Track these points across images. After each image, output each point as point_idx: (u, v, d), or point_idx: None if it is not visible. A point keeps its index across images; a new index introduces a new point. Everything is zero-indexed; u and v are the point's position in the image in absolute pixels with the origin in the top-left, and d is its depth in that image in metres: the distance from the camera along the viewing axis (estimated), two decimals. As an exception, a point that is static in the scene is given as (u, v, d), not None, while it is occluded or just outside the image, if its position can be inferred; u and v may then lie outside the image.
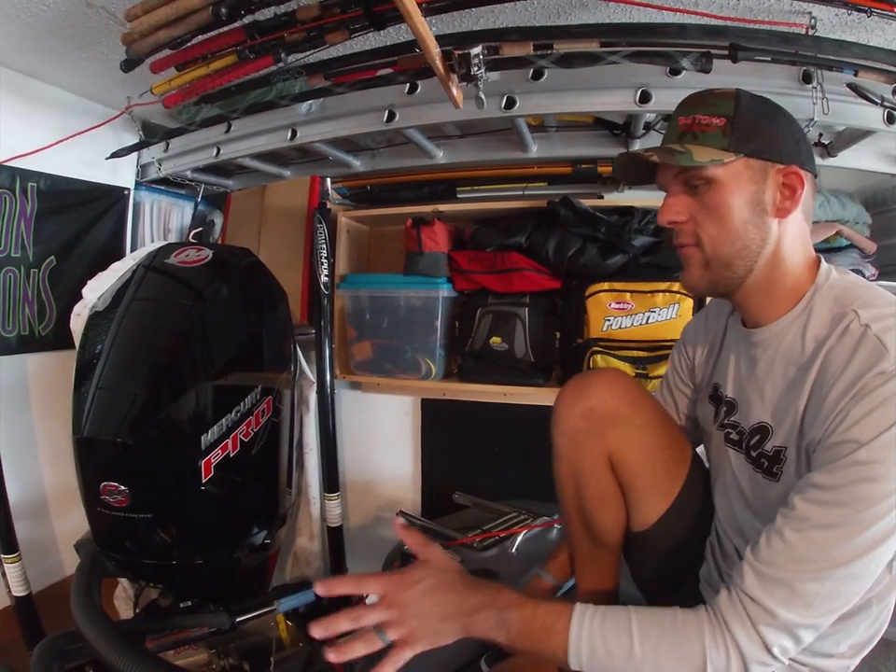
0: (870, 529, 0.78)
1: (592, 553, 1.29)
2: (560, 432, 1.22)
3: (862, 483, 0.79)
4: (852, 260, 1.95)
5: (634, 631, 0.86)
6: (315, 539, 2.26)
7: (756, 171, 0.95)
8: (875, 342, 0.82)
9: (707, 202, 0.97)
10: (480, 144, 2.28)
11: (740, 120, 0.95)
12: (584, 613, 0.90)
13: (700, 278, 1.02)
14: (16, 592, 1.93)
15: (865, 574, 0.81)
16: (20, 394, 2.24)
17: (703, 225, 0.98)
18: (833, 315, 0.90)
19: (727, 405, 1.13)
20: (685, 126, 0.99)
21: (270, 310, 1.82)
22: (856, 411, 0.80)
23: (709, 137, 0.95)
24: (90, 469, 1.43)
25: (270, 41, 1.53)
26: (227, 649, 1.64)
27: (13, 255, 2.16)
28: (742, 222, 0.95)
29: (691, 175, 0.97)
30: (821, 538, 0.81)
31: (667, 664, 0.85)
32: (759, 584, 0.83)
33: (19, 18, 1.68)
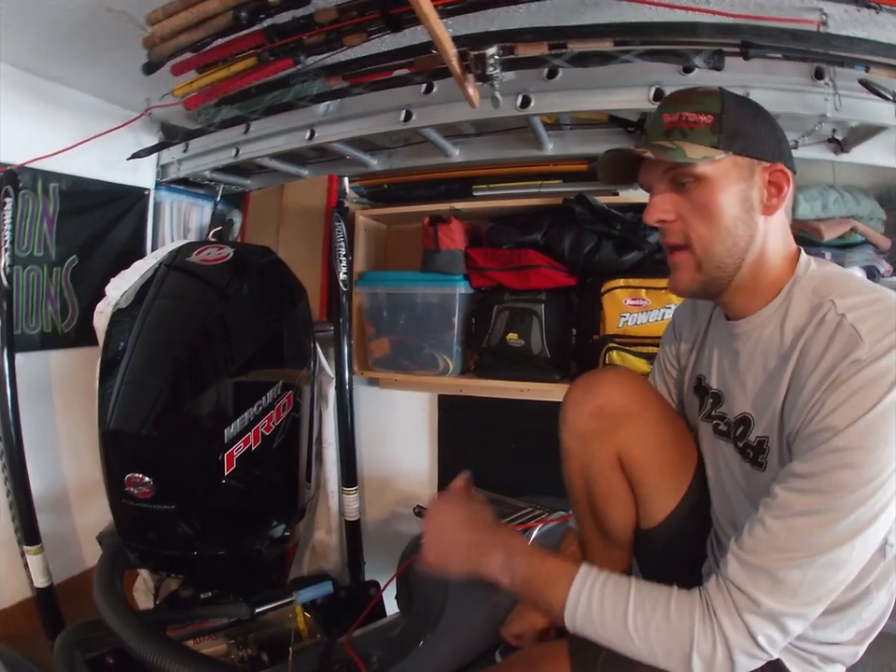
0: (850, 516, 0.79)
1: (604, 550, 1.30)
2: (569, 432, 1.23)
3: (841, 470, 0.79)
4: (867, 257, 1.94)
5: (631, 601, 0.89)
6: (333, 533, 2.28)
7: (744, 168, 0.95)
8: (850, 331, 0.82)
9: (697, 199, 0.96)
10: (495, 142, 2.29)
11: (728, 118, 0.95)
12: (588, 574, 0.93)
13: (692, 281, 1.01)
14: (38, 583, 1.97)
15: (849, 561, 0.82)
16: (43, 390, 2.28)
17: (692, 223, 0.97)
18: (811, 305, 0.91)
19: (713, 397, 1.14)
20: (672, 123, 0.98)
21: (290, 307, 1.85)
22: (832, 399, 0.81)
23: (698, 134, 0.95)
24: (115, 462, 1.47)
25: (289, 44, 1.55)
26: (246, 639, 1.66)
27: (36, 254, 2.20)
28: (732, 219, 0.95)
29: (679, 172, 0.96)
30: (802, 525, 0.82)
31: (656, 640, 0.87)
32: (743, 573, 0.84)
33: (40, 24, 1.72)
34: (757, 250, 0.98)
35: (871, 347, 0.80)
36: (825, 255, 1.91)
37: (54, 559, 2.03)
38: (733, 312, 1.06)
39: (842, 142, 1.86)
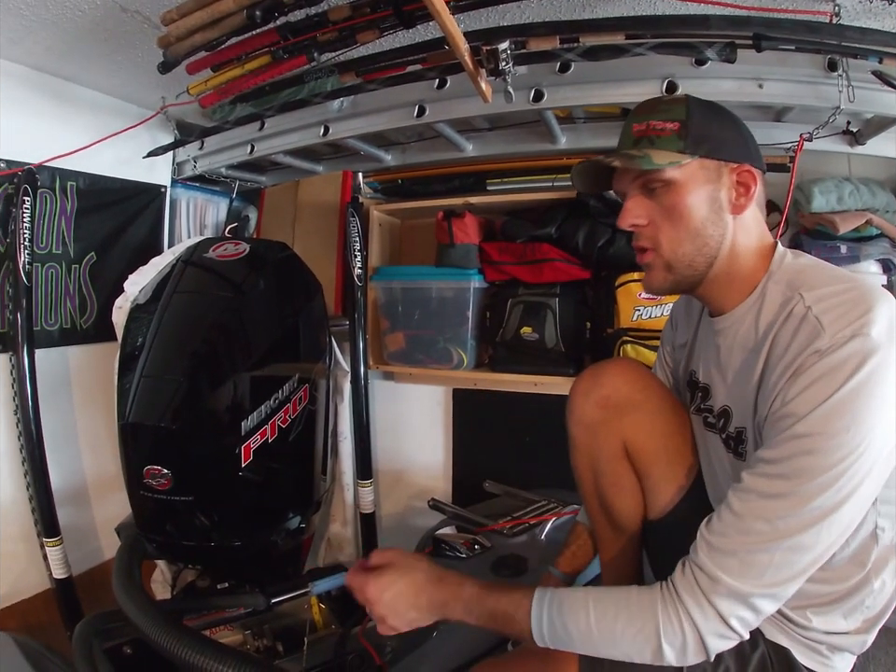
0: (814, 501, 0.80)
1: (614, 541, 1.30)
2: (576, 422, 1.24)
3: (803, 456, 0.81)
4: (882, 249, 1.92)
5: (591, 612, 0.90)
6: (349, 525, 2.30)
7: (711, 171, 0.98)
8: (813, 322, 0.84)
9: (666, 203, 0.99)
10: (509, 136, 2.30)
11: (692, 123, 0.97)
12: (542, 600, 0.94)
13: (664, 281, 1.05)
14: (57, 574, 2.00)
15: (817, 544, 0.82)
16: (62, 385, 2.31)
17: (662, 227, 1.00)
18: (783, 299, 0.92)
19: (702, 391, 1.15)
20: (640, 132, 1.01)
21: (306, 302, 1.86)
22: (794, 388, 0.83)
23: (665, 141, 0.97)
24: (134, 454, 1.49)
25: (303, 41, 1.56)
26: (261, 630, 1.68)
27: (55, 251, 2.23)
28: (701, 220, 0.98)
29: (649, 178, 0.99)
30: (766, 508, 0.83)
31: (623, 641, 0.88)
32: (710, 556, 0.86)
33: (55, 24, 1.74)
34: (728, 247, 1.00)
35: (831, 337, 0.81)
36: (841, 248, 1.90)
37: (73, 551, 2.06)
38: (712, 308, 1.09)
39: (857, 134, 1.85)
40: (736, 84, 1.67)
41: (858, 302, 0.83)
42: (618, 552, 1.30)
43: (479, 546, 1.66)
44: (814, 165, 1.97)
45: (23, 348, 1.95)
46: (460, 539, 1.69)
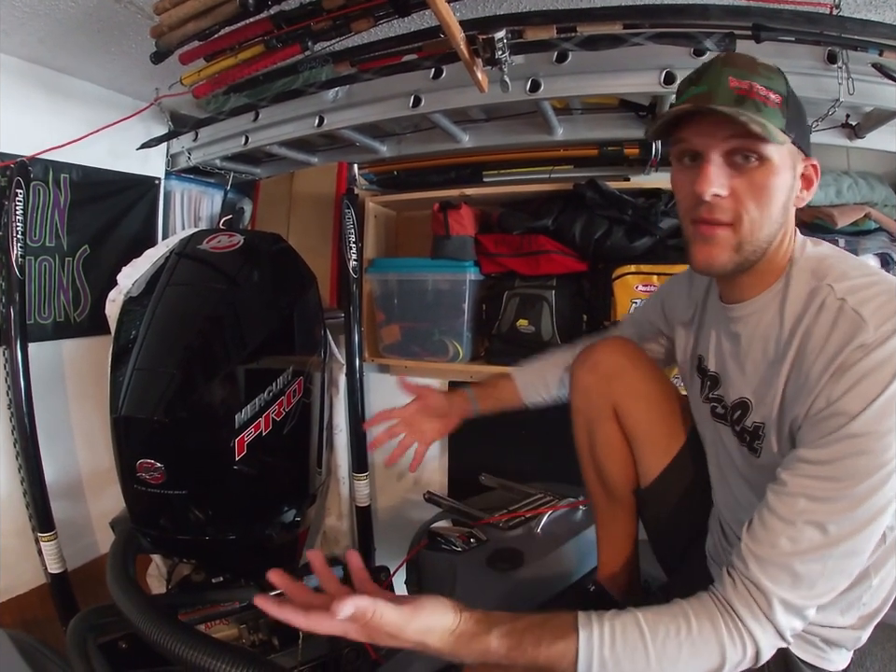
0: (867, 502, 0.78)
1: (610, 509, 1.37)
2: (575, 389, 1.34)
3: (855, 457, 0.78)
4: (881, 243, 1.92)
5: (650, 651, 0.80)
6: (344, 519, 2.30)
7: (794, 157, 0.93)
8: (852, 315, 0.81)
9: (757, 180, 0.90)
10: (505, 127, 2.28)
11: (792, 102, 0.91)
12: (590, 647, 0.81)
13: (728, 261, 0.95)
14: (52, 569, 1.98)
15: (867, 547, 0.82)
16: (55, 378, 2.30)
17: (746, 204, 0.91)
18: (809, 289, 0.90)
19: (711, 379, 1.13)
20: (742, 91, 0.88)
21: (300, 294, 1.85)
22: (841, 385, 0.79)
23: (770, 113, 0.87)
24: (127, 448, 1.48)
25: (296, 30, 1.54)
26: (257, 624, 1.68)
27: (48, 244, 2.22)
28: (780, 207, 0.92)
29: (748, 147, 0.88)
30: (817, 513, 0.80)
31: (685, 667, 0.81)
32: (761, 571, 0.82)
33: (48, 15, 1.72)
34: (779, 237, 0.96)
35: (876, 330, 0.78)
36: (839, 242, 1.90)
37: (68, 546, 2.05)
38: (732, 295, 1.04)
39: (856, 127, 1.84)
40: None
41: (892, 295, 0.82)
42: (611, 519, 1.38)
43: (475, 539, 1.65)
44: (813, 158, 1.97)
45: (16, 342, 1.93)
46: (456, 533, 1.69)
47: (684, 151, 0.96)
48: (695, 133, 0.92)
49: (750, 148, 0.89)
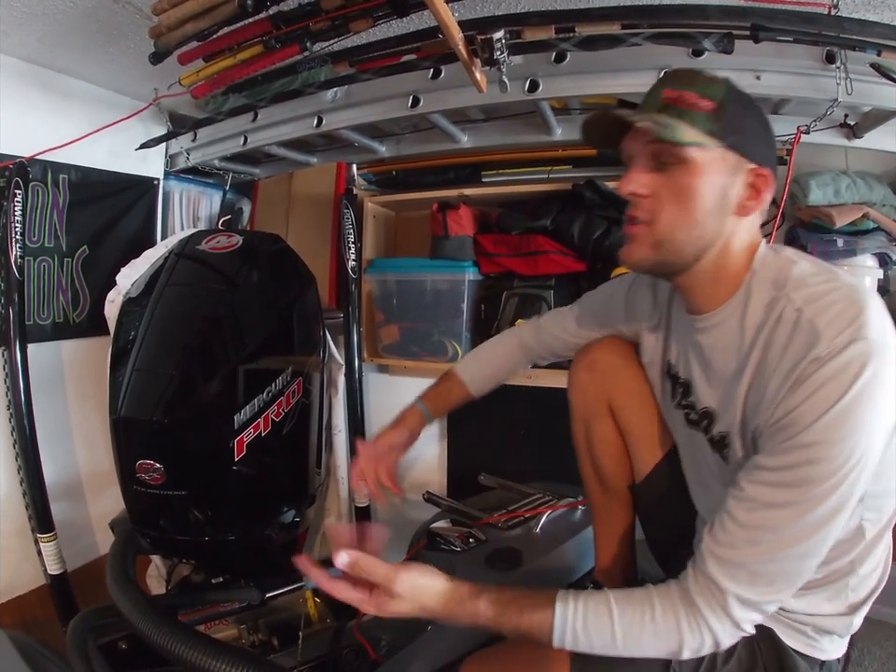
0: (818, 508, 0.81)
1: (606, 504, 1.38)
2: (573, 387, 1.37)
3: (809, 465, 0.81)
4: (879, 243, 1.92)
5: (616, 629, 0.88)
6: (343, 519, 2.30)
7: (731, 164, 0.92)
8: (808, 326, 0.82)
9: (677, 181, 0.92)
10: (504, 127, 2.29)
11: (729, 109, 0.91)
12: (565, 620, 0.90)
13: (645, 258, 0.99)
14: (52, 570, 1.99)
15: (822, 548, 0.84)
16: (55, 379, 2.30)
17: (665, 205, 0.94)
18: (769, 299, 0.90)
19: (683, 386, 1.14)
20: (670, 99, 0.93)
21: (299, 294, 1.85)
22: (795, 396, 0.82)
23: (695, 117, 0.90)
24: (126, 448, 1.48)
25: (295, 30, 1.54)
26: (256, 624, 1.68)
27: (47, 245, 2.22)
28: (704, 212, 0.93)
29: (666, 150, 0.92)
30: (772, 518, 0.83)
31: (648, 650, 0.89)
32: (720, 568, 0.86)
33: (46, 16, 1.72)
34: (721, 246, 0.96)
35: (829, 343, 0.80)
36: (837, 241, 1.90)
37: (68, 547, 2.05)
38: (693, 305, 1.05)
39: (854, 127, 1.84)
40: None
41: (849, 303, 0.82)
42: (608, 515, 1.39)
43: (474, 539, 1.66)
44: (811, 158, 1.97)
45: (16, 343, 1.94)
46: (455, 533, 1.69)
47: (626, 158, 1.01)
48: (629, 140, 0.99)
49: (667, 150, 0.92)
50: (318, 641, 1.61)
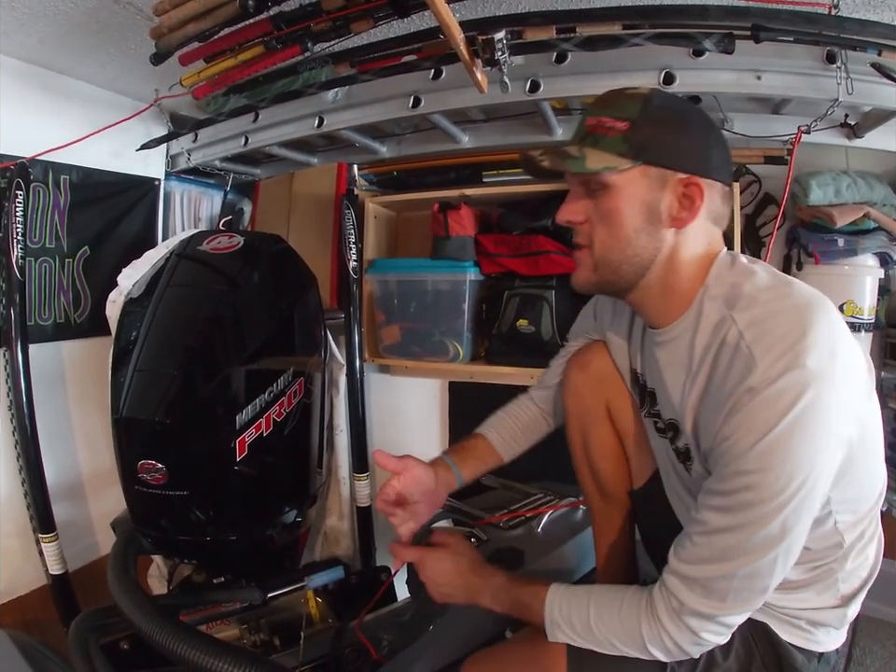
0: (759, 532, 0.82)
1: (605, 510, 1.37)
2: (568, 392, 1.33)
3: (744, 492, 0.83)
4: (880, 243, 1.93)
5: (591, 615, 0.97)
6: (345, 519, 2.29)
7: (654, 179, 0.93)
8: (746, 354, 0.83)
9: (602, 207, 0.96)
10: (505, 128, 2.29)
11: (644, 126, 0.92)
12: (554, 596, 1.02)
13: (587, 280, 1.04)
14: (53, 570, 1.98)
15: (773, 568, 0.86)
16: (56, 380, 2.30)
17: (596, 228, 0.98)
18: (718, 319, 0.91)
19: (650, 395, 1.15)
20: (590, 127, 0.96)
21: (300, 295, 1.84)
22: (730, 424, 0.83)
23: (609, 142, 0.92)
24: (128, 448, 1.47)
25: (296, 31, 1.55)
26: (258, 624, 1.68)
27: (48, 245, 2.22)
28: (633, 230, 0.95)
29: (587, 178, 0.96)
30: (719, 540, 0.86)
31: (618, 642, 0.95)
32: (678, 581, 0.90)
33: (47, 16, 1.73)
34: (664, 260, 0.97)
35: (764, 372, 0.80)
36: (838, 241, 1.90)
37: (69, 547, 2.05)
38: (650, 320, 1.07)
39: (855, 127, 1.84)
40: (735, 76, 1.65)
41: (793, 325, 0.82)
42: (608, 521, 1.38)
43: (475, 539, 1.66)
44: (811, 158, 1.97)
45: (17, 343, 1.94)
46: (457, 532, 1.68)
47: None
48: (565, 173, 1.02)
49: (590, 179, 0.96)
50: (320, 641, 1.60)
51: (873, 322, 1.95)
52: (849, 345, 0.84)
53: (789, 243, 2.06)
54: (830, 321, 0.83)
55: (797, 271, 2.00)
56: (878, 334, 2.04)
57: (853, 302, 1.91)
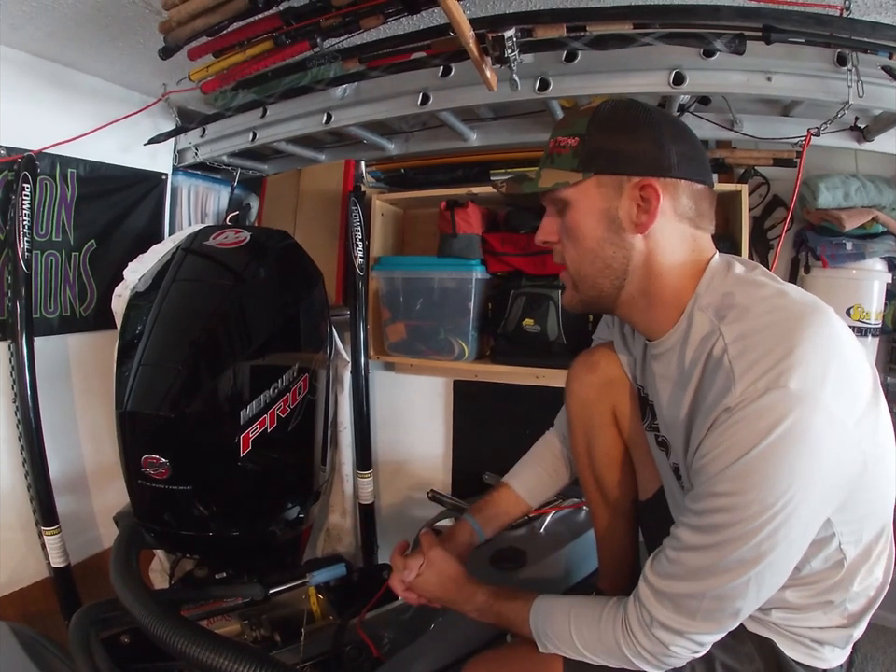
0: (731, 555, 0.81)
1: (607, 518, 1.34)
2: (572, 396, 1.30)
3: (717, 513, 0.82)
4: (888, 247, 1.92)
5: (572, 628, 0.99)
6: (348, 516, 2.30)
7: (609, 188, 0.93)
8: (727, 370, 0.81)
9: (567, 223, 0.98)
10: (513, 126, 2.28)
11: (591, 138, 0.93)
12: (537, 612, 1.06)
13: (571, 299, 1.05)
14: (55, 563, 2.00)
15: (745, 592, 0.84)
16: (61, 373, 2.30)
17: (566, 246, 1.00)
18: (707, 331, 0.89)
19: (651, 409, 1.14)
20: (550, 149, 0.99)
21: (306, 291, 1.84)
22: (708, 443, 0.82)
23: (562, 159, 0.95)
24: (132, 442, 1.48)
25: (305, 27, 1.54)
26: (259, 620, 1.68)
27: (55, 239, 2.22)
28: (597, 241, 0.95)
29: (551, 198, 0.99)
30: (690, 559, 0.86)
31: (597, 651, 0.97)
32: (651, 595, 0.90)
33: (56, 10, 1.72)
34: (639, 267, 0.96)
35: (742, 392, 0.78)
36: (846, 245, 1.89)
37: (72, 540, 2.06)
38: (644, 332, 1.06)
39: (865, 130, 1.84)
40: (745, 76, 1.65)
41: (779, 341, 0.79)
42: (611, 529, 1.35)
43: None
44: (821, 161, 1.96)
45: (22, 336, 1.94)
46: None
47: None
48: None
49: (552, 198, 0.99)
50: (321, 638, 1.61)
51: (880, 327, 1.94)
52: (847, 361, 0.81)
53: (797, 246, 2.05)
54: (825, 334, 0.80)
55: (805, 274, 1.99)
56: (885, 339, 2.02)
57: (860, 307, 1.90)
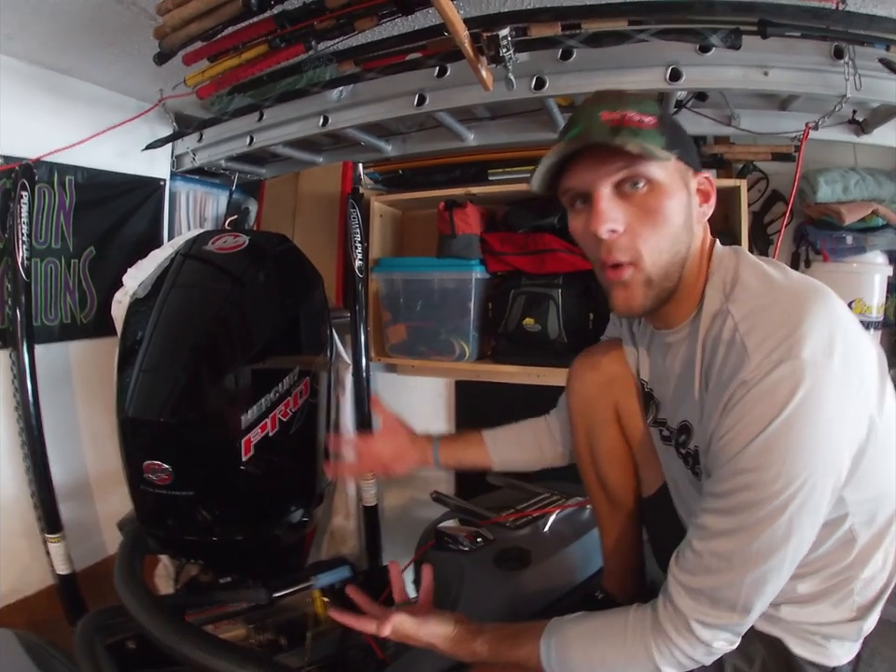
0: (763, 534, 0.80)
1: (613, 518, 1.32)
2: (573, 392, 1.29)
3: (743, 492, 0.80)
4: (888, 240, 1.91)
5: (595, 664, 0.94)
6: (351, 518, 2.30)
7: (683, 174, 0.92)
8: (739, 347, 0.81)
9: (649, 205, 0.89)
10: (510, 125, 2.28)
11: (667, 121, 0.92)
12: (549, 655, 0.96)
13: (644, 299, 0.94)
14: (60, 570, 2.00)
15: (780, 569, 0.83)
16: (63, 380, 2.30)
17: (642, 234, 0.89)
18: (716, 310, 0.90)
19: (655, 403, 1.14)
20: (614, 121, 0.87)
21: (306, 294, 1.84)
22: (728, 421, 0.81)
23: (647, 134, 0.86)
24: (134, 449, 1.48)
25: (300, 30, 1.54)
26: (264, 624, 1.68)
27: (54, 246, 2.22)
28: (679, 227, 0.91)
29: (634, 173, 0.87)
30: (721, 546, 0.84)
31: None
32: (684, 595, 0.87)
33: (51, 16, 1.72)
34: (691, 258, 0.95)
35: (757, 365, 0.78)
36: (846, 238, 1.90)
37: (76, 547, 2.06)
38: (663, 321, 1.04)
39: (863, 123, 1.84)
40: (741, 71, 1.64)
41: (787, 317, 0.79)
42: (615, 527, 1.33)
43: (482, 539, 1.65)
44: (819, 155, 1.96)
45: (23, 344, 1.94)
46: (463, 532, 1.68)
47: (574, 197, 0.95)
48: (580, 175, 0.91)
49: (637, 174, 0.88)
50: (326, 641, 1.60)
51: (881, 320, 1.94)
52: (853, 336, 0.81)
53: (797, 240, 2.05)
54: (829, 311, 0.81)
55: (805, 268, 1.99)
56: (887, 332, 2.02)
57: (862, 300, 1.90)
